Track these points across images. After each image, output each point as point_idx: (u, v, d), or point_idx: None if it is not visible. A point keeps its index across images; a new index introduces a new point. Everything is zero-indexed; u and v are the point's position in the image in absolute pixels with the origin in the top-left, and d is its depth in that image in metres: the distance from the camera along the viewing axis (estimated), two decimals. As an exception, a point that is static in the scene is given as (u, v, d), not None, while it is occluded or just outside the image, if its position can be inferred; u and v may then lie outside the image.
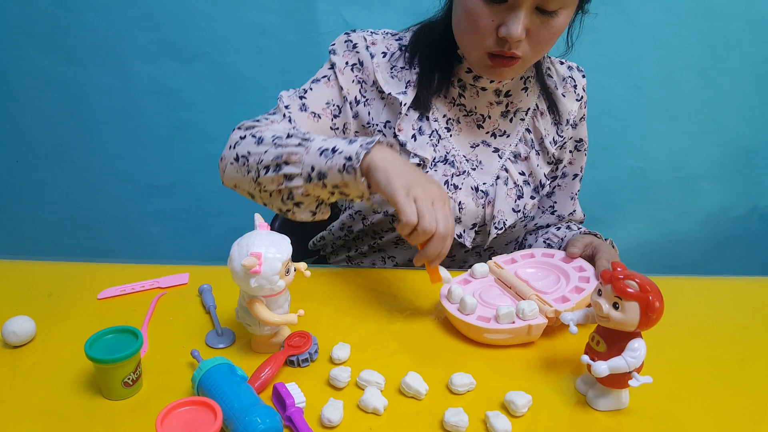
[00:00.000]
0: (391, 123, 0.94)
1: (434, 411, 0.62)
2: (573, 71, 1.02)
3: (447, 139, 0.95)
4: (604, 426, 0.62)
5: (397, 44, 0.95)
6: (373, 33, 0.96)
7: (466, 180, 0.95)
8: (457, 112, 0.95)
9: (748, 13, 1.59)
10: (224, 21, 1.57)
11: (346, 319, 0.81)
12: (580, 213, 1.10)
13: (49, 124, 1.72)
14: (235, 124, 1.85)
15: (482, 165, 0.96)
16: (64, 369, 0.67)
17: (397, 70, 0.94)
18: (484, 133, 0.97)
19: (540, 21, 0.78)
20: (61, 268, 0.93)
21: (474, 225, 0.97)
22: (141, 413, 0.61)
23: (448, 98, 0.95)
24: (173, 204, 1.81)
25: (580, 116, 1.02)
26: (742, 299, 0.91)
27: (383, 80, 0.93)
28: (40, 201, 1.83)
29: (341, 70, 0.93)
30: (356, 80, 0.94)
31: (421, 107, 0.93)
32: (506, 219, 0.96)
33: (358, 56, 0.94)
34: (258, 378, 0.64)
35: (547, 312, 0.74)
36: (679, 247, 1.90)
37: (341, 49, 0.94)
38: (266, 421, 0.54)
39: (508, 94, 0.95)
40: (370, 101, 0.94)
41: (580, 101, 1.01)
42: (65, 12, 1.57)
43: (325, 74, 0.94)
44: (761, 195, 1.86)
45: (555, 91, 0.99)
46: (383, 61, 0.94)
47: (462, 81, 0.93)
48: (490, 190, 0.96)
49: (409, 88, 0.93)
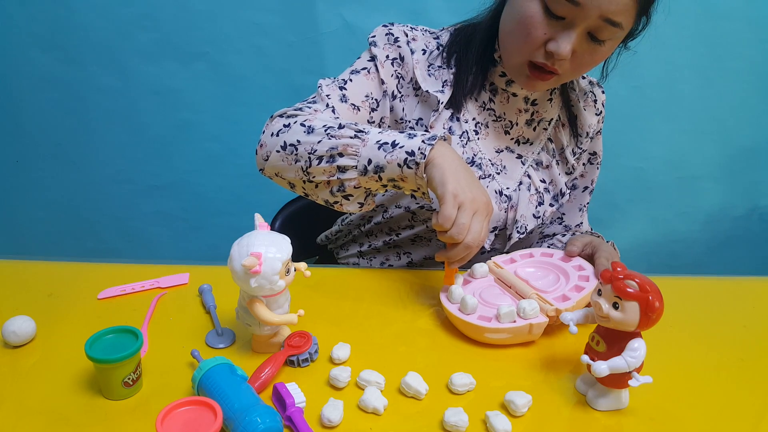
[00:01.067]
0: (423, 120, 0.94)
1: (434, 411, 0.62)
2: (594, 87, 1.04)
3: (475, 142, 0.95)
4: (604, 426, 0.62)
5: (435, 42, 0.96)
6: (413, 29, 0.96)
7: (491, 183, 0.96)
8: (486, 116, 0.96)
9: (748, 13, 1.59)
10: (224, 21, 1.57)
11: (346, 319, 0.81)
12: (586, 225, 1.11)
13: (49, 124, 1.72)
14: (235, 125, 1.85)
15: (506, 170, 0.97)
16: (64, 369, 0.67)
17: (434, 69, 0.94)
18: (509, 139, 0.98)
19: (588, 46, 0.80)
20: (61, 268, 0.93)
21: (495, 228, 0.97)
22: (141, 413, 0.61)
23: (479, 102, 0.96)
24: (173, 204, 1.81)
25: (597, 130, 1.04)
26: (742, 299, 0.91)
27: (421, 77, 0.93)
28: (40, 201, 1.83)
29: (382, 63, 0.93)
30: (395, 75, 0.94)
31: (454, 107, 0.94)
32: (527, 224, 0.97)
33: (399, 51, 0.93)
34: (258, 378, 0.64)
35: (547, 311, 0.74)
36: (679, 247, 1.90)
37: (382, 42, 0.94)
38: (266, 420, 0.54)
39: (535, 102, 0.96)
40: (404, 97, 0.95)
41: (599, 116, 1.03)
42: (65, 12, 1.57)
43: (365, 66, 0.93)
44: (761, 195, 1.86)
45: (577, 104, 1.00)
46: (422, 59, 0.94)
47: (494, 85, 0.94)
48: (513, 195, 0.97)
49: (446, 87, 0.93)
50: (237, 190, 1.74)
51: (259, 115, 1.66)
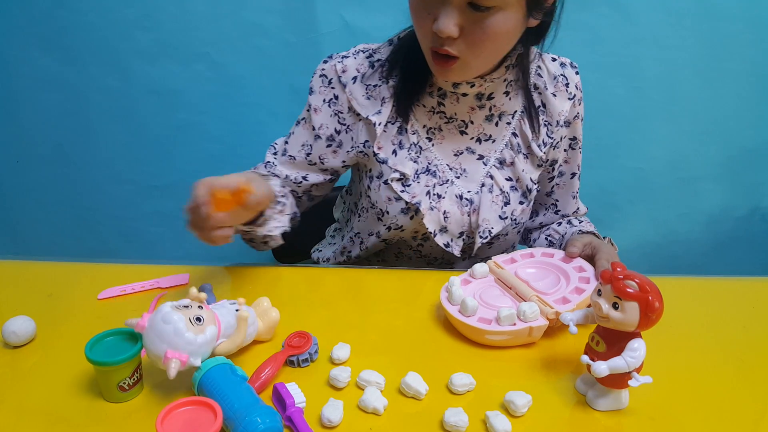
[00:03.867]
0: (369, 142, 0.95)
1: (434, 411, 0.62)
2: (566, 68, 0.99)
3: (429, 150, 0.95)
4: (603, 426, 0.62)
5: (368, 62, 0.95)
6: (344, 57, 0.96)
7: (450, 189, 0.95)
8: (437, 120, 0.95)
9: (748, 13, 1.59)
10: (224, 21, 1.57)
11: (346, 319, 0.81)
12: (583, 208, 1.10)
13: (49, 124, 1.72)
14: (235, 125, 1.85)
15: (466, 173, 0.96)
16: (64, 369, 0.67)
17: (371, 89, 0.94)
18: (468, 139, 0.96)
19: (474, 18, 0.76)
20: (61, 268, 0.93)
21: (461, 233, 0.97)
22: (141, 413, 0.61)
23: (428, 107, 0.94)
24: (173, 204, 1.81)
25: (573, 115, 0.99)
26: (742, 299, 0.91)
27: (358, 105, 0.94)
28: (40, 201, 1.83)
29: (317, 109, 0.96)
30: (333, 113, 0.96)
31: (400, 119, 0.94)
32: (492, 227, 0.95)
33: (333, 91, 0.96)
34: (258, 378, 0.64)
35: (547, 313, 0.74)
36: (679, 248, 1.89)
37: (317, 86, 0.97)
38: (266, 420, 0.54)
39: (491, 97, 0.93)
40: (351, 126, 0.96)
41: (573, 99, 0.98)
42: (65, 12, 1.57)
43: (303, 116, 0.99)
44: (762, 196, 1.86)
45: (545, 91, 0.96)
46: (356, 87, 0.94)
47: (442, 89, 0.92)
48: (475, 198, 0.95)
49: (384, 104, 0.93)
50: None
51: (259, 115, 1.68)
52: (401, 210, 0.94)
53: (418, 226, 0.95)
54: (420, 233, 0.98)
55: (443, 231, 0.95)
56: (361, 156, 0.97)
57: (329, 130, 0.97)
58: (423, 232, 0.98)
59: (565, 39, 0.91)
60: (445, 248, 0.96)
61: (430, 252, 1.03)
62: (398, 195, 0.93)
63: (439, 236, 0.95)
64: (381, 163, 0.94)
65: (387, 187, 0.94)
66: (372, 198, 0.97)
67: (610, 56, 1.60)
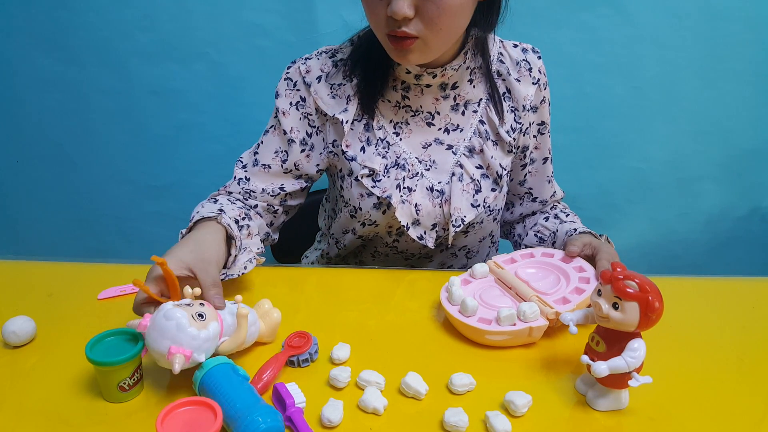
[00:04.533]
0: (337, 141, 0.96)
1: (434, 411, 0.62)
2: (528, 53, 0.99)
3: (397, 144, 0.95)
4: (603, 426, 0.62)
5: (332, 62, 0.97)
6: (308, 59, 0.97)
7: (421, 181, 0.95)
8: (403, 114, 0.95)
9: (748, 14, 1.59)
10: (224, 21, 1.57)
11: (346, 319, 0.81)
12: (559, 192, 1.09)
13: (49, 124, 1.72)
14: (235, 125, 1.86)
15: (436, 164, 0.96)
16: (64, 369, 0.67)
17: (335, 88, 0.95)
18: (436, 130, 0.96)
19: None
20: (61, 268, 0.93)
21: (435, 225, 0.97)
22: (141, 413, 0.61)
23: (392, 102, 0.95)
24: (173, 204, 1.81)
25: (539, 99, 0.99)
26: (742, 299, 0.91)
27: (324, 105, 0.95)
28: (40, 201, 1.83)
29: (285, 112, 0.96)
30: (302, 116, 0.97)
31: (366, 116, 0.94)
32: (464, 215, 0.95)
33: (299, 93, 0.97)
34: (260, 380, 0.64)
35: (548, 313, 0.74)
36: (679, 248, 1.89)
37: (283, 90, 0.97)
38: (267, 420, 0.54)
39: (455, 86, 0.94)
40: (320, 128, 0.97)
41: (537, 84, 0.98)
42: (65, 12, 1.57)
43: (272, 124, 0.99)
44: (762, 196, 1.86)
45: (508, 77, 0.97)
46: (320, 86, 0.95)
47: (405, 82, 0.93)
48: (446, 188, 0.95)
49: (350, 102, 0.94)
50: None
51: (259, 115, 1.67)
52: (373, 205, 0.94)
53: (391, 220, 0.96)
54: (394, 228, 0.99)
55: (416, 224, 0.96)
56: (331, 156, 0.98)
57: (300, 134, 0.97)
58: (397, 227, 0.98)
59: (565, 39, 0.91)
60: (419, 240, 0.96)
61: (406, 248, 1.03)
62: (369, 191, 0.93)
63: (412, 229, 0.95)
64: (350, 160, 0.95)
65: (358, 184, 0.94)
66: (345, 197, 0.98)
67: (610, 56, 1.60)
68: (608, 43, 1.58)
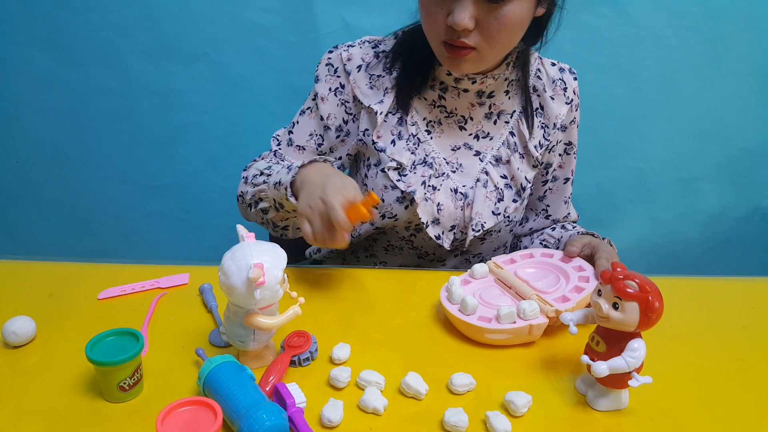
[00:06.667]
0: (369, 131, 0.96)
1: (434, 411, 0.62)
2: (564, 73, 1.00)
3: (427, 142, 0.96)
4: (603, 426, 0.62)
5: (374, 52, 0.97)
6: (350, 46, 0.98)
7: (446, 182, 0.95)
8: (438, 113, 0.96)
9: (748, 14, 1.59)
10: (224, 21, 1.57)
11: (346, 319, 0.81)
12: (574, 215, 1.10)
13: (49, 124, 1.72)
14: (235, 125, 1.86)
15: (462, 168, 0.97)
16: (64, 369, 0.67)
17: (374, 79, 0.96)
18: (467, 135, 0.97)
19: (488, 9, 0.78)
20: (61, 268, 0.93)
21: (453, 227, 0.97)
22: (141, 413, 0.61)
23: (429, 100, 0.96)
24: (173, 204, 1.81)
25: (570, 119, 1.01)
26: (742, 299, 0.91)
27: (361, 94, 0.96)
28: (40, 201, 1.83)
29: (324, 98, 0.97)
30: (340, 102, 0.98)
31: (400, 110, 0.95)
32: (485, 221, 0.96)
33: (339, 80, 0.97)
34: (267, 383, 0.64)
35: (547, 312, 0.74)
36: (679, 248, 1.89)
37: (323, 74, 0.98)
38: (272, 418, 0.54)
39: (492, 95, 0.95)
40: (356, 115, 0.98)
41: (570, 104, 1.00)
42: (65, 12, 1.57)
43: (309, 105, 1.00)
44: (762, 196, 1.86)
45: (544, 93, 0.98)
46: (360, 75, 0.96)
47: (444, 83, 0.94)
48: (470, 193, 0.96)
49: (386, 95, 0.95)
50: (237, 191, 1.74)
51: (259, 115, 1.68)
52: (396, 199, 0.95)
53: (411, 216, 0.96)
54: (413, 224, 0.99)
55: (435, 222, 0.96)
56: (360, 144, 0.98)
57: (337, 120, 0.98)
58: (416, 223, 0.98)
59: (565, 39, 0.91)
60: (436, 240, 0.96)
61: (421, 245, 1.03)
62: (394, 183, 0.94)
63: (431, 227, 0.96)
64: (379, 151, 0.95)
65: (384, 175, 0.95)
66: (368, 186, 0.98)
67: (610, 56, 1.61)
68: (608, 43, 1.58)
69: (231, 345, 0.71)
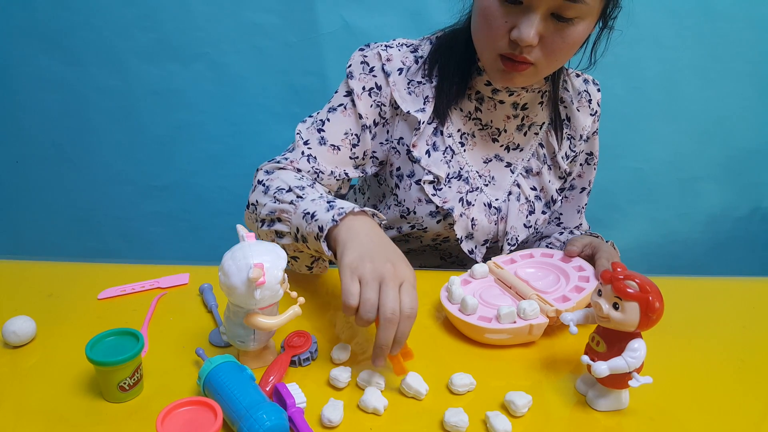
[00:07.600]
0: (404, 140, 0.92)
1: (434, 411, 0.62)
2: (588, 85, 1.01)
3: (461, 155, 0.94)
4: (604, 426, 0.62)
5: (413, 57, 0.93)
6: (388, 47, 0.93)
7: (479, 196, 0.94)
8: (472, 125, 0.94)
9: (748, 14, 1.59)
10: (224, 21, 1.57)
11: (346, 319, 0.80)
12: (585, 225, 1.10)
13: (49, 124, 1.72)
14: (234, 125, 1.85)
15: (495, 180, 0.96)
16: (64, 369, 0.67)
17: (414, 85, 0.91)
18: (498, 146, 0.96)
19: (555, 28, 0.76)
20: (61, 268, 0.93)
21: (486, 241, 0.97)
22: (141, 413, 0.61)
23: (464, 112, 0.93)
24: (173, 204, 1.81)
25: (593, 130, 1.02)
26: (742, 300, 0.91)
27: (400, 99, 0.91)
28: (40, 201, 1.83)
29: (359, 95, 0.91)
30: (374, 104, 0.92)
31: (438, 120, 0.92)
32: (519, 235, 0.96)
33: (375, 80, 0.91)
34: (267, 383, 0.64)
35: (548, 311, 0.74)
36: (679, 248, 1.90)
37: (357, 72, 0.92)
38: (272, 418, 0.54)
39: (525, 107, 0.94)
40: (388, 120, 0.93)
41: (594, 116, 1.01)
42: (65, 12, 1.57)
43: (342, 102, 0.92)
44: (762, 196, 1.86)
45: (570, 105, 0.98)
46: (400, 79, 0.91)
47: (480, 93, 0.92)
48: (503, 206, 0.96)
49: (427, 104, 0.91)
50: (237, 191, 1.74)
51: (259, 115, 1.68)
52: (430, 213, 0.93)
53: (443, 230, 0.95)
54: (442, 236, 0.98)
55: (469, 238, 0.95)
56: (392, 152, 0.94)
57: (369, 120, 0.92)
58: (446, 236, 0.97)
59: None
60: (469, 254, 0.96)
61: (447, 248, 1.03)
62: (429, 198, 0.92)
63: (465, 243, 0.95)
64: (414, 162, 0.92)
65: (418, 188, 0.92)
66: (399, 196, 0.95)
67: (610, 56, 1.60)
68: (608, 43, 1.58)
69: (231, 345, 0.71)
